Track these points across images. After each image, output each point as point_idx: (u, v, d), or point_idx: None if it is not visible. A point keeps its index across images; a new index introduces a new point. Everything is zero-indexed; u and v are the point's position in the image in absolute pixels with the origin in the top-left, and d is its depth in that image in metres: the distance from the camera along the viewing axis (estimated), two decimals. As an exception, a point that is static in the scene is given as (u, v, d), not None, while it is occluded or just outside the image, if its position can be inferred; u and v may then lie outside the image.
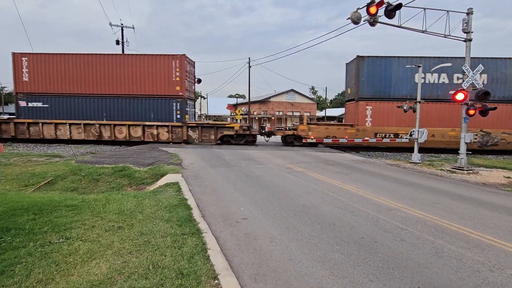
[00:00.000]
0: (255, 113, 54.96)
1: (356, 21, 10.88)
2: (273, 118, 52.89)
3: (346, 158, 14.52)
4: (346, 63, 20.91)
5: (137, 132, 19.12)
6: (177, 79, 18.92)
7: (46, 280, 3.25)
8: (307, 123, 19.49)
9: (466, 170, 11.34)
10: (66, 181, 9.41)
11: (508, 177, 10.53)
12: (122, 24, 30.00)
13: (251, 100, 43.95)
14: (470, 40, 11.73)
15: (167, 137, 19.14)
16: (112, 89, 19.13)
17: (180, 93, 19.09)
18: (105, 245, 4.14)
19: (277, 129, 22.34)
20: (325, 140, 18.66)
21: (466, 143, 11.78)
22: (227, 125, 20.21)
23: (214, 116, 63.70)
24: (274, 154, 14.78)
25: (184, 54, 18.98)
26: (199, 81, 28.54)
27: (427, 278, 3.52)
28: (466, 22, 11.61)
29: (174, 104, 19.14)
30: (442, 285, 3.38)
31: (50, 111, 19.26)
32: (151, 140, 19.17)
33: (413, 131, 14.41)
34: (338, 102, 78.44)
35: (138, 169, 10.29)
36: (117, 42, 30.44)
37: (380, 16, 10.86)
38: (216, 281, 3.32)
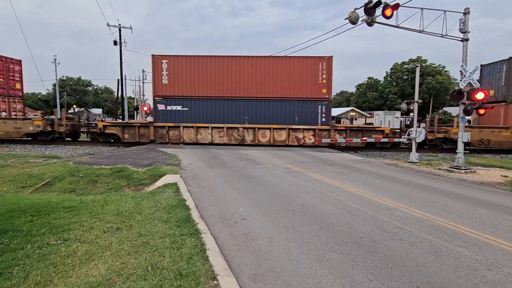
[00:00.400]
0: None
1: (354, 21, 10.91)
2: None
3: (345, 158, 14.55)
4: (482, 65, 20.08)
5: (281, 136, 18.57)
6: (324, 81, 18.32)
7: (44, 282, 3.24)
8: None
9: (464, 169, 11.39)
10: (64, 182, 9.37)
11: (506, 176, 10.59)
12: (119, 25, 29.94)
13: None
14: (467, 40, 11.79)
15: (312, 141, 18.51)
16: (254, 92, 18.49)
17: (327, 96, 18.45)
18: (103, 246, 4.13)
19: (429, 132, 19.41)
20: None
21: (463, 142, 11.84)
22: (376, 128, 19.38)
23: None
24: (273, 154, 14.78)
25: (331, 56, 18.34)
26: None
27: (426, 277, 3.53)
28: (463, 22, 11.66)
29: (320, 107, 18.57)
30: (440, 284, 3.39)
31: (189, 114, 18.75)
32: (295, 144, 18.50)
33: (411, 130, 14.46)
34: (336, 102, 78.57)
35: (136, 170, 10.26)
36: (115, 43, 30.38)
37: (377, 16, 10.90)
38: (215, 282, 3.32)
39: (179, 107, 18.84)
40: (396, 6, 10.52)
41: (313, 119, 18.71)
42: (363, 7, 10.66)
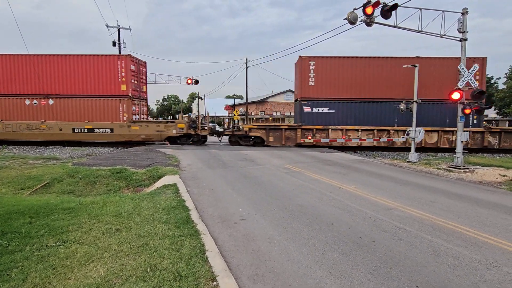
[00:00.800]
0: (252, 113, 54.99)
1: (352, 21, 10.92)
2: (270, 118, 52.91)
3: (344, 158, 14.56)
4: None
5: (432, 138, 18.15)
6: (477, 82, 17.86)
7: (43, 284, 3.22)
8: None
9: (463, 169, 11.41)
10: (63, 183, 9.35)
11: (504, 175, 10.61)
12: (118, 25, 29.91)
13: (248, 101, 44.01)
14: (465, 39, 11.82)
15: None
16: (404, 94, 17.52)
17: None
18: (102, 248, 4.12)
19: None
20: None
21: (461, 141, 11.86)
22: None
23: (211, 117, 63.56)
24: (272, 155, 14.78)
25: (485, 57, 17.97)
26: (197, 82, 28.51)
27: (425, 276, 3.54)
28: (461, 22, 11.69)
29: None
30: (439, 283, 3.40)
31: (336, 116, 18.52)
32: (447, 146, 18.04)
33: (410, 130, 14.47)
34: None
35: (135, 171, 10.24)
36: (114, 44, 30.34)
37: (376, 16, 10.91)
38: (214, 283, 3.31)
39: (326, 109, 18.59)
40: (394, 7, 10.53)
41: (466, 121, 18.13)
42: (362, 8, 10.68)
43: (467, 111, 11.35)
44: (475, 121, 18.23)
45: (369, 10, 10.58)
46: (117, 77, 18.82)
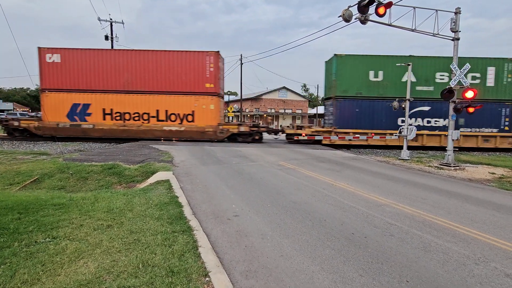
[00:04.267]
0: (247, 110, 54.85)
1: (347, 19, 10.91)
2: (265, 116, 52.90)
3: (337, 155, 14.65)
4: None
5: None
6: None
7: (32, 281, 3.17)
8: None
9: (453, 167, 11.61)
10: (53, 179, 9.19)
11: (493, 173, 10.83)
12: (111, 19, 29.38)
13: (243, 98, 43.87)
14: (457, 39, 11.95)
15: None
16: None
17: None
18: (93, 244, 4.07)
19: None
20: None
21: (452, 140, 12.05)
22: None
23: None
24: (266, 152, 14.79)
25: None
26: None
27: (415, 271, 3.59)
28: (454, 22, 11.81)
29: None
30: (429, 278, 3.45)
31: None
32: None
33: (402, 128, 14.64)
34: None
35: (128, 167, 10.13)
36: (106, 38, 29.81)
37: (370, 14, 10.93)
38: (207, 279, 3.30)
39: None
40: (389, 5, 10.56)
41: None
42: (357, 5, 10.68)
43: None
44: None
45: (363, 8, 10.59)
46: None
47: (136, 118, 19.07)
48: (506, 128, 18.33)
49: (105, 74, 18.75)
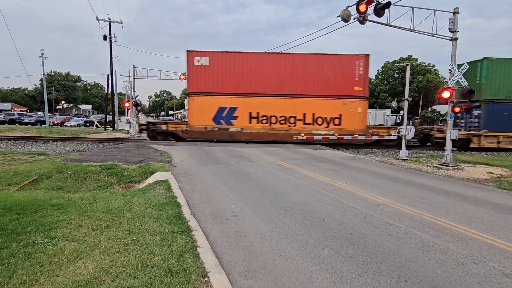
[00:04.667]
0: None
1: (346, 19, 10.93)
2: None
3: (336, 155, 14.67)
4: None
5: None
6: None
7: (30, 282, 3.16)
8: None
9: (452, 166, 11.64)
10: (52, 179, 9.16)
11: (491, 173, 10.87)
12: (109, 19, 29.33)
13: (242, 98, 43.61)
14: (456, 39, 11.99)
15: None
16: None
17: None
18: (92, 244, 4.06)
19: None
20: None
21: (451, 139, 12.09)
22: None
23: None
24: (265, 152, 14.79)
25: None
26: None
27: (414, 271, 3.60)
28: (452, 22, 11.85)
29: None
30: (428, 278, 3.46)
31: None
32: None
33: (401, 128, 14.67)
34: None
35: (126, 167, 10.11)
36: (105, 38, 29.74)
37: (369, 14, 10.95)
38: (206, 279, 3.30)
39: None
40: (387, 5, 10.58)
41: None
42: (355, 5, 10.70)
43: (457, 109, 11.56)
44: None
45: (362, 7, 10.60)
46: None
47: (283, 122, 18.93)
48: None
49: (253, 78, 18.60)
